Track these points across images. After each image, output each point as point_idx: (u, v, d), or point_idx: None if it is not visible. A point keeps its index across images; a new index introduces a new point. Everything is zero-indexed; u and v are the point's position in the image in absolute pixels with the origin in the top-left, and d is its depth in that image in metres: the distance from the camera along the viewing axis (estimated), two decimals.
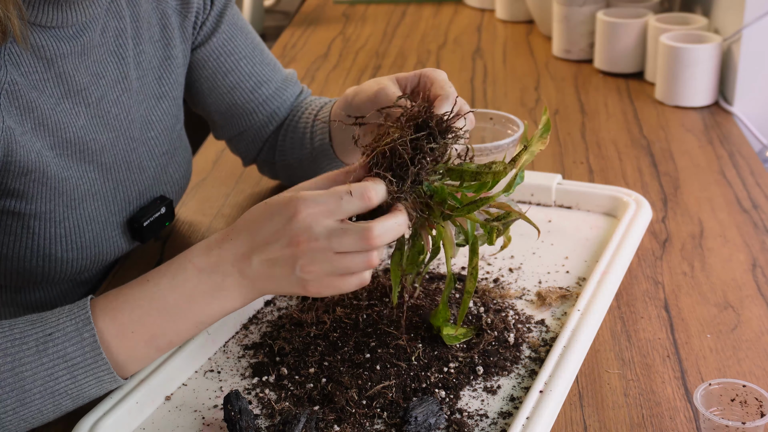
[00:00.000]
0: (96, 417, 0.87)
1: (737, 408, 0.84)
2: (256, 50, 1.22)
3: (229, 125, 1.24)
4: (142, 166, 1.10)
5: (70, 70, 0.99)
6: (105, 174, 1.05)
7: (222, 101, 1.21)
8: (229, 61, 1.19)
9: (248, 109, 1.22)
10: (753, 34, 1.55)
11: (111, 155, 1.05)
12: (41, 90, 0.96)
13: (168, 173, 1.14)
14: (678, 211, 1.26)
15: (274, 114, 1.24)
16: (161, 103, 1.12)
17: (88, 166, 1.02)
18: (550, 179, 1.25)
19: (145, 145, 1.10)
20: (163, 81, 1.12)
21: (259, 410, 0.90)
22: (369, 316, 0.99)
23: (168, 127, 1.13)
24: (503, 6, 2.17)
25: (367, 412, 0.88)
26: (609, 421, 0.88)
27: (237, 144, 1.27)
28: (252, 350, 1.00)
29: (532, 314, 1.02)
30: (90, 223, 1.04)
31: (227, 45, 1.18)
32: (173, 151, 1.15)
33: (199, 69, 1.18)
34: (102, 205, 1.05)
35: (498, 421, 0.87)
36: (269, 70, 1.23)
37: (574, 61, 1.87)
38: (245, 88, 1.20)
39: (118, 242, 1.08)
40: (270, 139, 1.26)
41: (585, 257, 1.13)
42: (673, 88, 1.61)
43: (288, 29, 2.24)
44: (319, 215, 0.82)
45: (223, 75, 1.19)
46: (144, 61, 1.09)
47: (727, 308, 1.04)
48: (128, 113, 1.06)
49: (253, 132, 1.24)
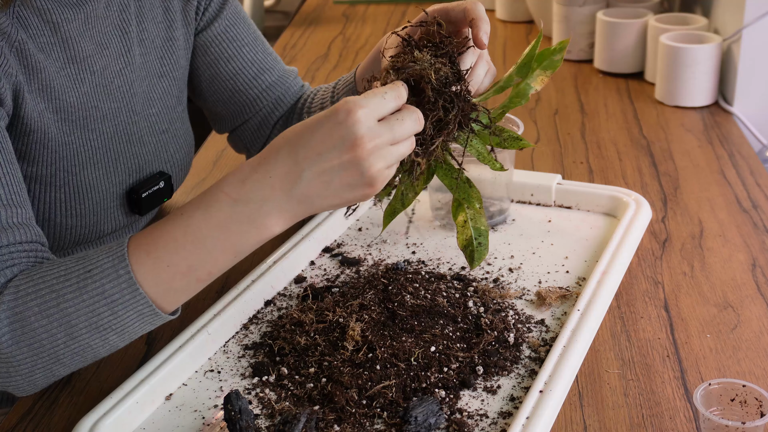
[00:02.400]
0: (96, 417, 0.87)
1: (737, 408, 0.84)
2: (258, 40, 1.23)
3: (232, 114, 1.24)
4: (142, 140, 1.11)
5: (75, 36, 1.01)
6: (106, 143, 1.06)
7: (225, 88, 1.22)
8: (231, 47, 1.20)
9: (251, 96, 1.23)
10: (753, 34, 1.55)
11: (112, 125, 1.07)
12: (47, 53, 0.99)
13: (168, 152, 1.15)
14: (678, 211, 1.26)
15: (279, 101, 1.24)
16: (162, 81, 1.14)
17: (90, 134, 1.04)
18: (550, 179, 1.25)
19: (146, 121, 1.11)
20: (164, 61, 1.14)
21: (259, 410, 0.90)
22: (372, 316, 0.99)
23: (169, 106, 1.15)
24: (503, 6, 2.17)
25: (367, 412, 0.88)
26: (609, 421, 0.88)
27: (242, 134, 1.27)
28: (252, 350, 1.00)
29: (532, 314, 1.02)
30: (90, 191, 1.05)
31: (229, 31, 1.20)
32: (174, 131, 1.16)
33: (202, 55, 1.20)
34: (102, 174, 1.07)
35: (498, 421, 0.87)
36: (271, 59, 1.24)
37: (574, 61, 1.87)
38: (248, 74, 1.21)
39: (117, 213, 1.10)
40: (277, 126, 1.26)
41: (585, 257, 1.13)
42: (673, 88, 1.61)
43: (288, 29, 2.24)
44: (372, 113, 0.81)
45: (226, 61, 1.20)
46: (147, 40, 1.11)
47: (726, 308, 1.04)
48: (131, 86, 1.08)
49: (258, 119, 1.25)
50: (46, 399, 0.96)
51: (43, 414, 0.94)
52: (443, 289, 1.04)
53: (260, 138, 1.27)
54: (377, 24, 2.22)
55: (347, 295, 1.03)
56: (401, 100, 0.84)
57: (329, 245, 1.19)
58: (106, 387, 0.97)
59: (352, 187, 0.82)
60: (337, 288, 1.08)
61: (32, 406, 0.96)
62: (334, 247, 1.19)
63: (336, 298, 1.03)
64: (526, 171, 1.30)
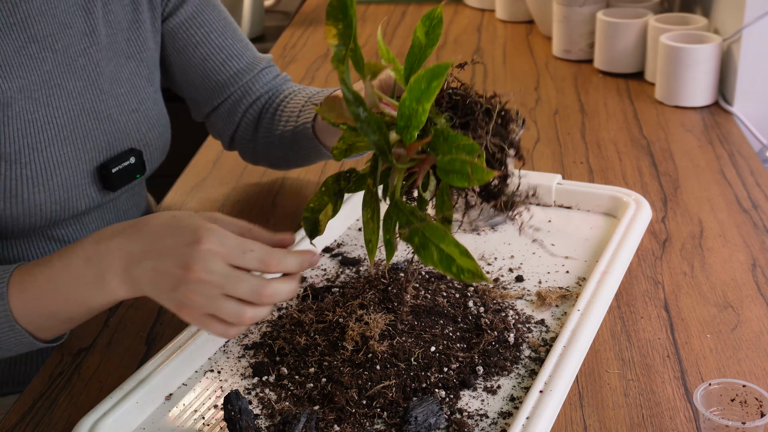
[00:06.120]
0: (96, 417, 0.87)
1: (737, 408, 0.84)
2: (228, 26, 1.25)
3: (204, 100, 1.26)
4: (111, 119, 1.13)
5: (35, 15, 1.04)
6: (73, 121, 1.08)
7: (194, 73, 1.23)
8: (199, 33, 1.22)
9: (220, 82, 1.24)
10: (753, 34, 1.55)
11: (78, 103, 1.09)
12: (5, 33, 1.02)
13: (141, 131, 1.17)
14: (678, 211, 1.26)
15: (248, 88, 1.25)
16: (130, 62, 1.16)
17: (55, 111, 1.07)
18: (550, 179, 1.25)
19: (115, 100, 1.13)
20: (131, 42, 1.16)
21: (259, 410, 0.90)
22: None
23: (138, 86, 1.17)
24: (503, 6, 2.17)
25: (367, 412, 0.88)
26: (609, 421, 0.88)
27: (215, 122, 1.29)
28: (252, 350, 1.00)
29: (532, 314, 1.02)
30: (58, 167, 1.07)
31: (197, 17, 1.21)
32: (146, 111, 1.18)
33: (171, 40, 1.21)
34: (71, 151, 1.08)
35: (498, 421, 0.87)
36: (241, 46, 1.25)
37: (574, 61, 1.87)
38: (216, 61, 1.23)
39: (88, 190, 1.11)
40: (247, 115, 1.27)
41: (585, 257, 1.13)
42: (673, 88, 1.61)
43: (288, 29, 2.24)
44: (219, 256, 0.83)
45: (194, 47, 1.22)
46: (113, 21, 1.13)
47: (727, 308, 1.04)
48: (96, 65, 1.11)
49: (228, 106, 1.26)
50: (46, 399, 0.96)
51: (43, 414, 0.94)
52: (443, 289, 1.04)
53: (230, 125, 1.28)
54: (377, 24, 2.22)
55: (347, 295, 1.03)
56: (267, 269, 0.84)
57: (329, 245, 1.19)
58: (106, 387, 0.97)
59: (168, 297, 0.85)
60: (337, 288, 1.08)
61: (32, 406, 0.96)
62: (334, 247, 1.19)
63: (336, 298, 1.03)
64: (526, 171, 1.30)
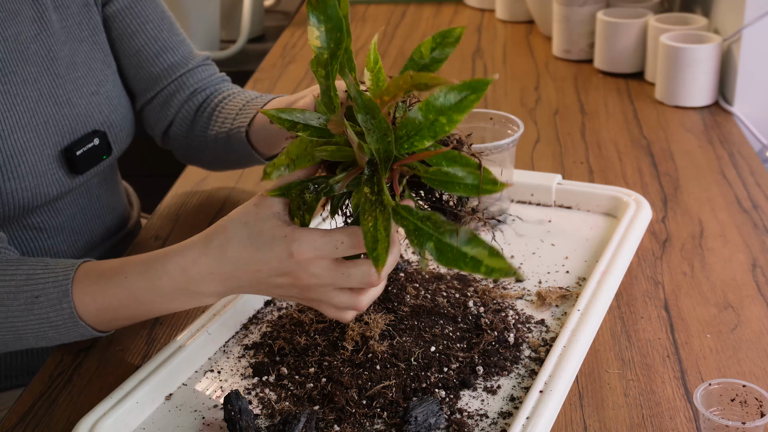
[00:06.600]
0: (96, 417, 0.87)
1: (737, 408, 0.84)
2: (165, 19, 1.25)
3: (138, 91, 1.26)
4: (71, 102, 1.14)
5: None
6: (32, 107, 1.09)
7: (129, 64, 1.24)
8: (134, 23, 1.22)
9: (153, 74, 1.24)
10: (753, 34, 1.55)
11: (36, 89, 1.10)
12: None
13: (103, 113, 1.17)
14: (678, 211, 1.26)
15: (182, 83, 1.26)
16: (83, 45, 1.17)
17: (13, 98, 1.08)
18: (550, 179, 1.25)
19: (72, 83, 1.14)
20: (83, 26, 1.17)
21: (259, 410, 0.90)
22: None
23: (95, 69, 1.18)
24: (503, 6, 2.17)
25: (367, 412, 0.88)
26: (609, 421, 0.88)
27: (147, 115, 1.29)
28: (252, 350, 1.00)
29: (532, 314, 1.02)
30: (23, 154, 1.08)
31: (133, 7, 1.22)
32: (106, 93, 1.18)
33: (109, 30, 1.22)
34: (34, 137, 1.09)
35: (498, 421, 0.87)
36: (177, 40, 1.26)
37: (574, 61, 1.87)
38: (150, 52, 1.23)
39: (57, 175, 1.12)
40: (182, 111, 1.26)
41: (585, 257, 1.13)
42: (673, 88, 1.61)
43: (288, 29, 2.24)
44: (317, 259, 0.82)
45: (129, 37, 1.22)
46: (62, 6, 1.15)
47: (727, 308, 1.04)
48: (50, 50, 1.12)
49: (161, 100, 1.26)
50: (46, 399, 0.96)
51: (43, 414, 0.94)
52: (443, 289, 1.04)
53: (163, 119, 1.28)
54: (377, 24, 2.22)
55: None
56: (362, 249, 0.81)
57: None
58: (106, 387, 0.97)
59: (288, 296, 0.87)
60: None
61: (32, 406, 0.96)
62: None
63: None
64: (526, 171, 1.30)
